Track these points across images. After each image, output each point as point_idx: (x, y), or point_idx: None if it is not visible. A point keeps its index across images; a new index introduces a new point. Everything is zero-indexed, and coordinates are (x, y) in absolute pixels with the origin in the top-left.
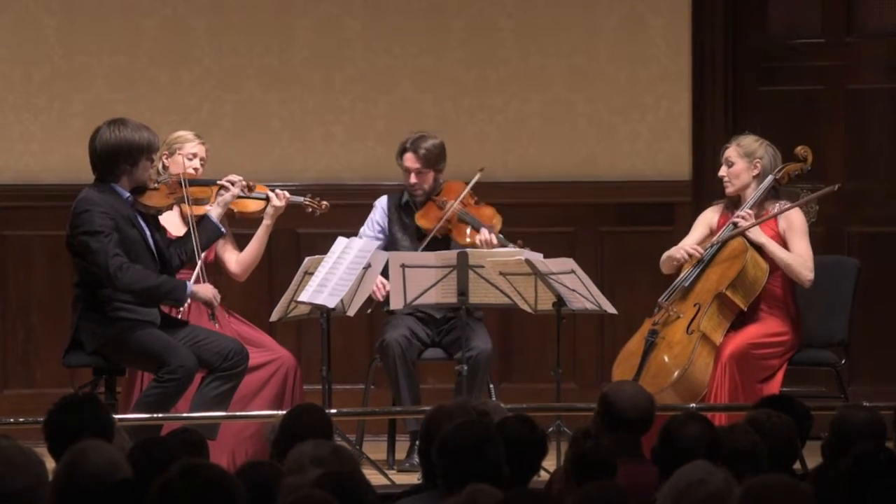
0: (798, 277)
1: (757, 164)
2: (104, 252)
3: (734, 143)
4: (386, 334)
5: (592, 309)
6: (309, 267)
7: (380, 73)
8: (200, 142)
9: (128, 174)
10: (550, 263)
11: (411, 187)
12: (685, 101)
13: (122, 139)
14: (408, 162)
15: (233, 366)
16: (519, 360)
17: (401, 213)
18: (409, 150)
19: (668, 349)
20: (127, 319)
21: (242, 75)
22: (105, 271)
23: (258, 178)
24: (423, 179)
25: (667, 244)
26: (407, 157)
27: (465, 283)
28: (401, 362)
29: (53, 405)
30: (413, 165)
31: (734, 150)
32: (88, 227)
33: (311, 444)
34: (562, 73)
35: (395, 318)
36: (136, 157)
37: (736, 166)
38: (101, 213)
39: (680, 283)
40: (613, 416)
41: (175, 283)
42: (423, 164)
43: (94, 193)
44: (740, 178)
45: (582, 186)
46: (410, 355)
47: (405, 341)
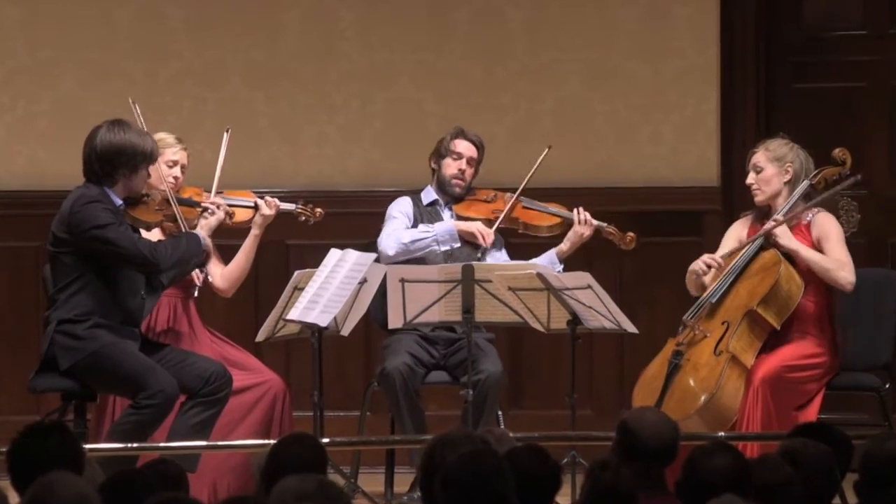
0: (837, 282)
1: (788, 168)
2: (128, 238)
3: (762, 147)
4: (386, 361)
5: (611, 328)
6: (299, 281)
7: (377, 69)
8: (182, 147)
9: (124, 180)
10: (565, 278)
11: (458, 177)
12: (713, 99)
13: (127, 141)
14: (462, 147)
15: (215, 390)
16: (530, 385)
17: (424, 213)
18: (461, 135)
19: (694, 372)
20: (107, 335)
21: (226, 71)
22: (140, 257)
23: (243, 184)
24: (469, 171)
25: (693, 257)
26: (462, 143)
27: (470, 300)
28: (403, 393)
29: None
30: (469, 153)
31: (762, 154)
32: (96, 220)
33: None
34: (577, 68)
35: (396, 339)
36: (137, 163)
37: (765, 172)
38: (103, 208)
39: (706, 300)
40: (634, 446)
41: (193, 239)
42: (477, 151)
43: (90, 192)
44: (771, 184)
45: (599, 193)
46: (413, 383)
47: (407, 370)
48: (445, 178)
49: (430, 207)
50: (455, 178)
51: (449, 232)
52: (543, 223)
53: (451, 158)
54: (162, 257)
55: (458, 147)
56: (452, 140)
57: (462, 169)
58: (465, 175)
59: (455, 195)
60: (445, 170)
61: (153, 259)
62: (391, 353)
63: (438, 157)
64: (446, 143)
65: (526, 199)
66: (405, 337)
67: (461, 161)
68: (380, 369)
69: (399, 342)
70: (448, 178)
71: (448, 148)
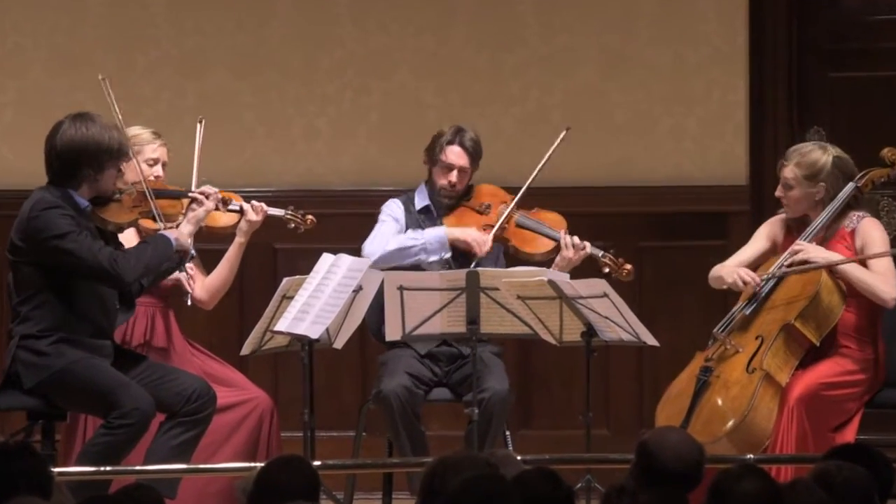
0: (879, 297)
1: (821, 188)
2: (87, 249)
3: (793, 159)
4: (382, 383)
5: (629, 340)
6: (288, 289)
7: (373, 56)
8: (161, 143)
9: (90, 181)
10: (579, 285)
11: (448, 188)
12: (741, 89)
13: (90, 139)
14: (453, 157)
15: (197, 409)
16: (540, 402)
17: (419, 218)
18: (454, 142)
19: (725, 390)
20: (76, 351)
21: (208, 59)
22: (101, 270)
23: (227, 184)
24: (462, 180)
25: (719, 262)
26: (453, 150)
27: (475, 309)
28: (402, 417)
29: None
30: (459, 161)
31: (792, 170)
32: (55, 229)
33: None
34: (592, 55)
35: (393, 356)
36: (102, 161)
37: (794, 192)
38: (62, 214)
39: (739, 312)
40: (654, 469)
41: (161, 242)
42: (470, 162)
43: (50, 195)
44: (800, 204)
45: (616, 193)
46: (413, 406)
47: (405, 393)
48: (434, 187)
49: (421, 214)
50: (444, 189)
51: (439, 240)
52: (536, 250)
53: (440, 168)
54: (125, 268)
55: (448, 157)
56: (444, 148)
57: (452, 182)
58: (455, 187)
59: (445, 206)
60: (435, 178)
61: (114, 271)
62: (387, 372)
63: (430, 160)
64: (438, 148)
65: (523, 214)
66: (403, 353)
67: (451, 173)
68: (375, 391)
69: (396, 359)
70: (437, 189)
71: (439, 156)
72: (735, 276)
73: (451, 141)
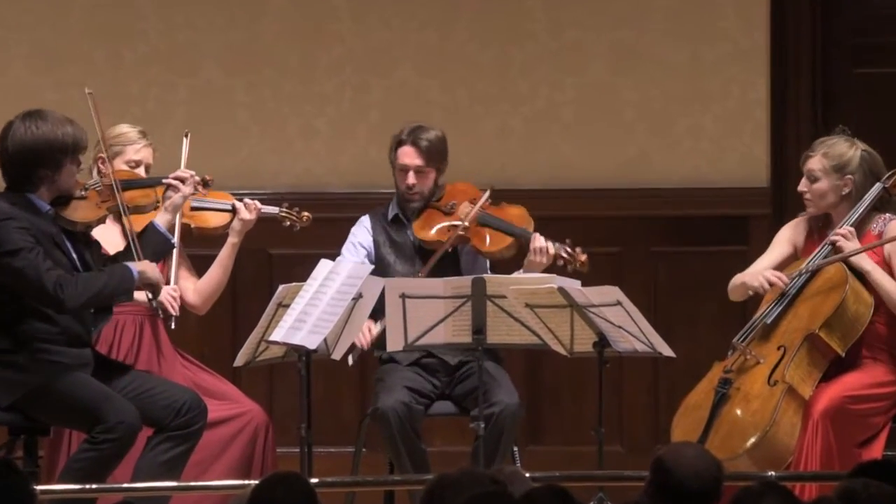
0: None
1: (848, 181)
2: (34, 269)
3: (819, 150)
4: (380, 400)
5: (644, 351)
6: (284, 297)
7: (373, 52)
8: (146, 143)
9: (48, 182)
10: (590, 293)
11: (407, 191)
12: (762, 86)
13: (41, 138)
14: (405, 157)
15: (187, 423)
16: (550, 417)
17: (389, 230)
18: (405, 142)
19: (745, 404)
20: (54, 363)
21: (200, 54)
22: (43, 293)
23: (220, 187)
24: (422, 181)
25: (739, 269)
26: (404, 151)
27: (481, 318)
28: (401, 435)
29: None
30: (413, 161)
31: (819, 160)
32: (7, 244)
33: None
34: (604, 51)
35: (389, 369)
36: (58, 159)
37: (820, 183)
38: (17, 227)
39: (760, 320)
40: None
41: (119, 274)
42: (424, 161)
43: (5, 204)
44: (825, 198)
45: (630, 195)
46: (413, 423)
47: (404, 409)
48: (398, 191)
49: (393, 225)
50: (405, 193)
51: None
52: (491, 248)
53: (397, 171)
54: (69, 295)
55: (401, 158)
56: (397, 150)
57: (409, 184)
58: (415, 188)
59: (412, 209)
60: (397, 182)
61: (56, 296)
62: (384, 388)
63: (390, 161)
64: (392, 150)
65: (484, 213)
66: (399, 366)
67: (408, 175)
68: (372, 409)
69: (393, 373)
70: (400, 192)
71: (393, 159)
72: (761, 279)
73: (402, 141)
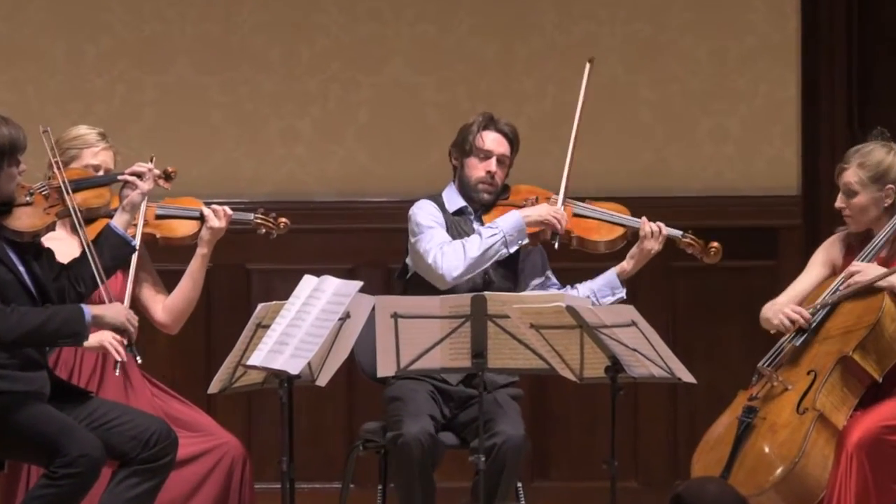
0: None
1: (889, 190)
2: None
3: (854, 160)
4: (403, 425)
5: (661, 376)
6: (263, 317)
7: (363, 47)
8: (106, 145)
9: None
10: (603, 312)
11: (487, 179)
12: (792, 84)
13: None
14: (491, 143)
15: (156, 455)
16: (558, 449)
17: (454, 222)
18: (490, 127)
19: (772, 435)
20: (5, 393)
21: (170, 49)
22: None
23: (192, 193)
24: (502, 171)
25: (767, 285)
26: (491, 136)
27: (482, 340)
28: (421, 469)
29: None
30: (500, 149)
31: (855, 172)
32: None
33: None
34: (618, 45)
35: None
36: None
37: (859, 198)
38: None
39: (789, 343)
40: None
41: (68, 313)
42: (510, 147)
43: None
44: (866, 213)
45: (646, 204)
46: (434, 456)
47: (429, 441)
48: (470, 181)
49: (457, 217)
50: (482, 182)
51: (517, 227)
52: (603, 237)
53: (476, 157)
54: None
55: (485, 142)
56: (479, 133)
57: (491, 171)
58: (494, 178)
59: (483, 202)
60: (470, 171)
61: None
62: (408, 412)
63: (461, 152)
64: (472, 135)
65: (577, 202)
66: (418, 387)
67: (490, 161)
68: (393, 435)
69: (413, 396)
70: (473, 181)
71: (473, 144)
72: (781, 317)
73: (486, 126)
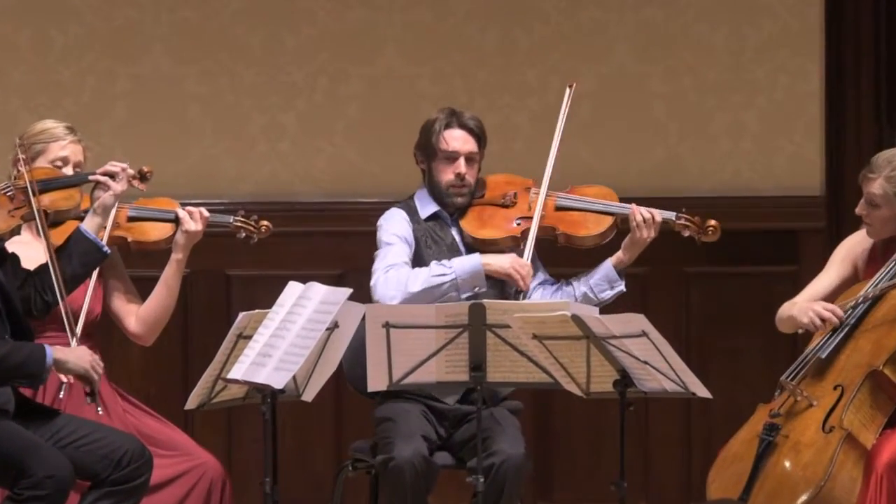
0: None
1: None
2: None
3: (883, 170)
4: (395, 448)
5: (674, 391)
6: (245, 327)
7: (352, 35)
8: (73, 138)
9: None
10: (611, 322)
11: (457, 182)
12: (815, 75)
13: None
14: (456, 143)
15: (129, 476)
16: (562, 469)
17: (428, 229)
18: (452, 124)
19: (795, 454)
20: None
21: (144, 38)
22: None
23: (167, 193)
24: (472, 170)
25: (787, 293)
26: (454, 135)
27: (481, 352)
28: (414, 493)
29: None
30: (466, 147)
31: (881, 185)
32: None
33: None
34: (628, 33)
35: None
36: None
37: (882, 211)
38: None
39: (813, 354)
40: None
41: (28, 352)
42: (478, 144)
43: None
44: (887, 225)
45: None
46: (428, 480)
47: (422, 464)
48: (440, 186)
49: (431, 222)
50: (452, 186)
51: (474, 273)
52: (591, 231)
53: (442, 161)
54: None
55: (450, 143)
56: (441, 133)
57: (460, 173)
58: (465, 179)
59: (457, 206)
60: (438, 175)
61: None
62: (400, 434)
63: (426, 155)
64: (434, 136)
65: (560, 194)
66: (411, 407)
67: (458, 163)
68: (384, 458)
69: (406, 416)
70: (443, 186)
71: (437, 146)
72: (811, 314)
73: (448, 124)
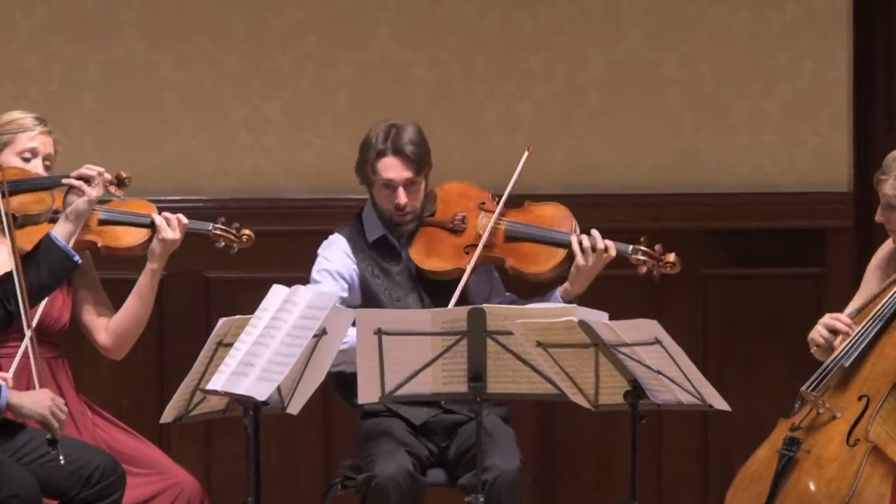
0: None
1: None
2: None
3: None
4: (377, 466)
5: (690, 403)
6: (225, 334)
7: (342, 19)
8: (44, 130)
9: None
10: (621, 328)
11: (397, 213)
12: (843, 62)
13: None
14: (390, 171)
15: (100, 494)
16: (568, 486)
17: (376, 255)
18: (385, 152)
19: (817, 470)
20: None
21: (116, 22)
22: None
23: (139, 191)
24: (415, 196)
25: (813, 296)
26: (387, 163)
27: (480, 361)
28: None
29: None
30: (401, 175)
31: (892, 185)
32: None
33: None
34: (639, 16)
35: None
36: None
37: None
38: None
39: (836, 363)
40: None
41: None
42: (415, 171)
43: None
44: None
45: (672, 202)
46: (416, 497)
47: (407, 480)
48: (382, 213)
49: (377, 249)
50: (394, 214)
51: None
52: (542, 267)
53: (380, 188)
54: None
55: (386, 172)
56: (375, 164)
57: (400, 204)
58: (407, 208)
59: (403, 233)
60: (379, 201)
61: None
62: (381, 451)
63: (363, 178)
64: (369, 165)
65: (512, 220)
66: (391, 423)
67: (397, 193)
68: (366, 477)
69: (387, 433)
70: (385, 214)
71: (371, 176)
72: (819, 328)
73: (381, 152)
